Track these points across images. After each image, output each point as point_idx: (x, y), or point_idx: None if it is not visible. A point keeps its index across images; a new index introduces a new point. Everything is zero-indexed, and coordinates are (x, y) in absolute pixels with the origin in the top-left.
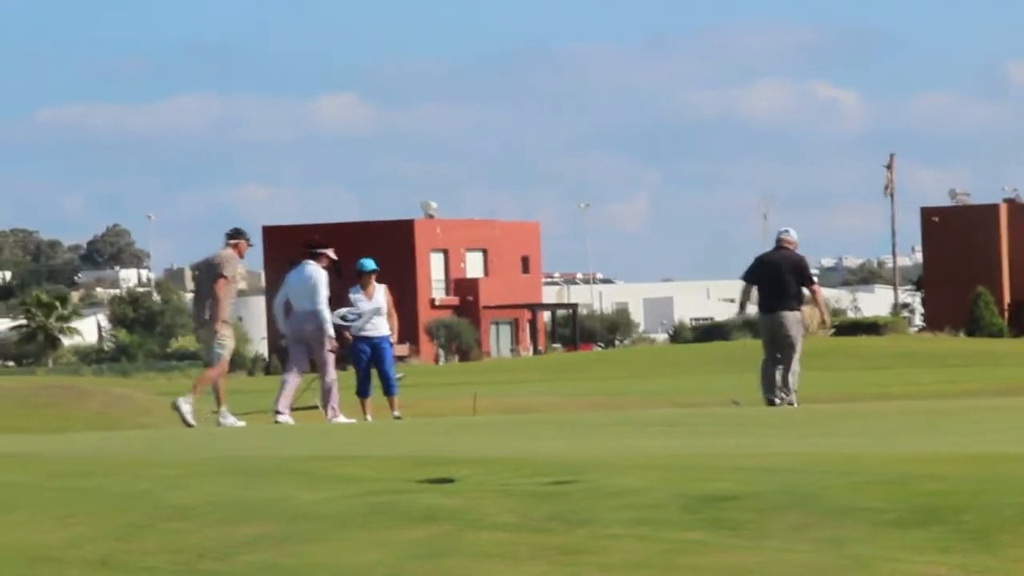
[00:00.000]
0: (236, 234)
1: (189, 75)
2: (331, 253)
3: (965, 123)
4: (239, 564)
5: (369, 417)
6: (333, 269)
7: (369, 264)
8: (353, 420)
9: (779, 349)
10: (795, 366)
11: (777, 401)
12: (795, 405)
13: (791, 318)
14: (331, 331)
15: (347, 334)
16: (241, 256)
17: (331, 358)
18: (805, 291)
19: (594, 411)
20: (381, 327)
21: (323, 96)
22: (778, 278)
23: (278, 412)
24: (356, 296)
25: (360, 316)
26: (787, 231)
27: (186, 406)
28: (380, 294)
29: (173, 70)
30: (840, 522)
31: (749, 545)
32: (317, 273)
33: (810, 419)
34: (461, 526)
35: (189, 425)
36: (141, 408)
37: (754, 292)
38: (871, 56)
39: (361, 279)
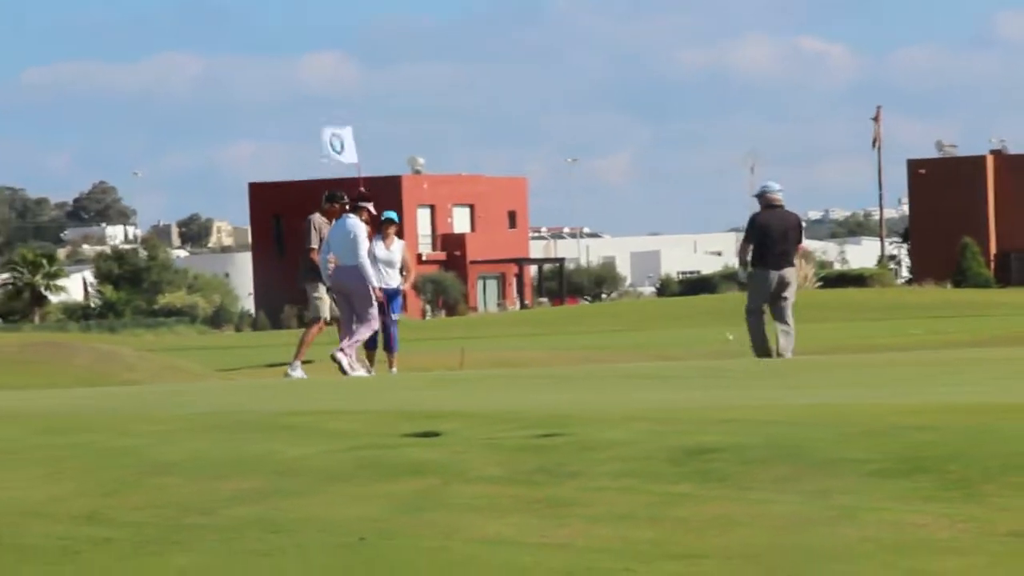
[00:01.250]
0: (330, 198)
1: (175, 34)
2: (371, 207)
3: (952, 75)
4: (224, 518)
5: (370, 370)
6: (371, 222)
7: (390, 214)
8: (362, 373)
9: (776, 304)
10: (792, 322)
11: (777, 355)
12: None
13: (794, 274)
14: (374, 282)
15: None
16: (334, 218)
17: (373, 311)
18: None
19: (581, 365)
20: (392, 279)
21: (308, 54)
22: (783, 235)
23: (339, 355)
24: (376, 244)
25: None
26: (772, 187)
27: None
28: (397, 247)
29: (159, 29)
30: (826, 473)
31: (735, 497)
32: (357, 227)
33: (796, 371)
34: (447, 479)
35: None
36: (128, 364)
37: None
38: (858, 9)
39: (382, 228)
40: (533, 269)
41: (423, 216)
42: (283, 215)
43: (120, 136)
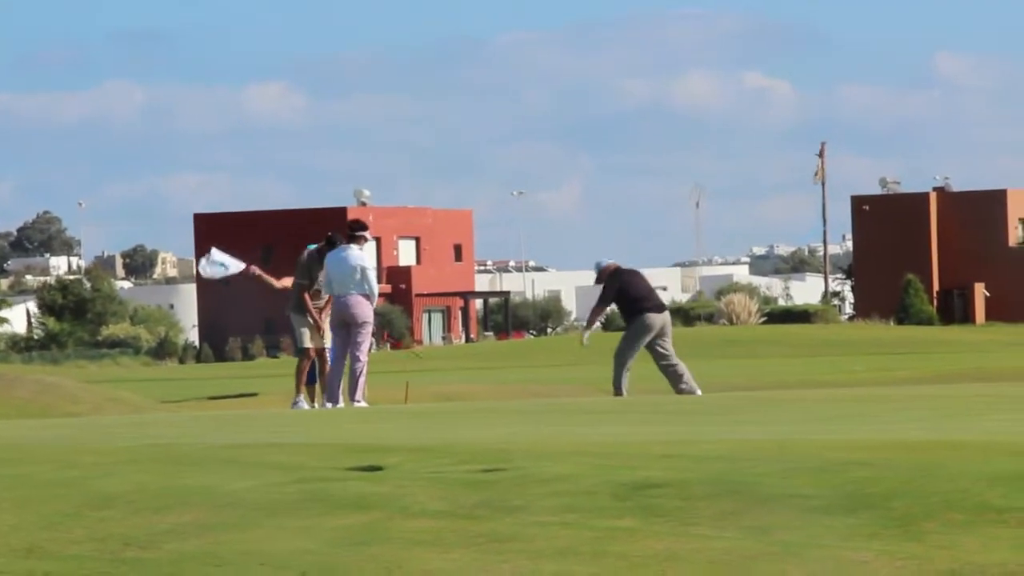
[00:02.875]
0: (330, 241)
1: (117, 63)
2: (367, 235)
3: (896, 113)
4: (165, 552)
5: (312, 404)
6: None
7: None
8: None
9: (662, 346)
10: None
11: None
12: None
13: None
14: (371, 316)
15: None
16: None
17: (367, 343)
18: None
19: (525, 399)
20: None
21: (253, 85)
22: (647, 283)
23: (355, 401)
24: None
25: (224, 268)
26: (603, 261)
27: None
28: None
29: (101, 58)
30: (768, 509)
31: (678, 532)
32: (363, 259)
33: (740, 407)
34: (391, 513)
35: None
36: (71, 396)
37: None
38: (801, 47)
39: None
40: (479, 302)
41: (369, 248)
42: (228, 246)
43: (64, 166)
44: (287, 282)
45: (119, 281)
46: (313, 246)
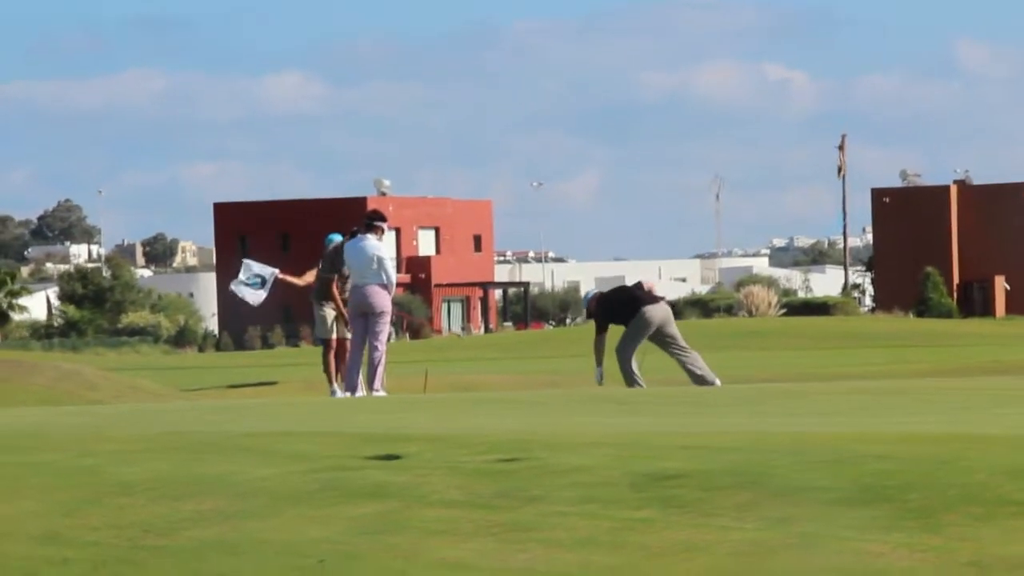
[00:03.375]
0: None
1: (137, 50)
2: (385, 226)
3: (916, 104)
4: (184, 540)
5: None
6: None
7: (336, 237)
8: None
9: (670, 336)
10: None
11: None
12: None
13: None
14: (388, 306)
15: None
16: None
17: (385, 332)
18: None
19: (544, 389)
20: None
21: (271, 74)
22: (631, 288)
23: (374, 390)
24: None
25: (259, 283)
26: (591, 292)
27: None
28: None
29: (121, 45)
30: (787, 501)
31: (697, 523)
32: (380, 248)
33: (759, 398)
34: (408, 503)
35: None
36: (90, 383)
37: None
38: (821, 37)
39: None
40: (498, 293)
41: (388, 238)
42: (248, 235)
43: (84, 154)
44: (310, 277)
45: (139, 269)
46: (337, 236)
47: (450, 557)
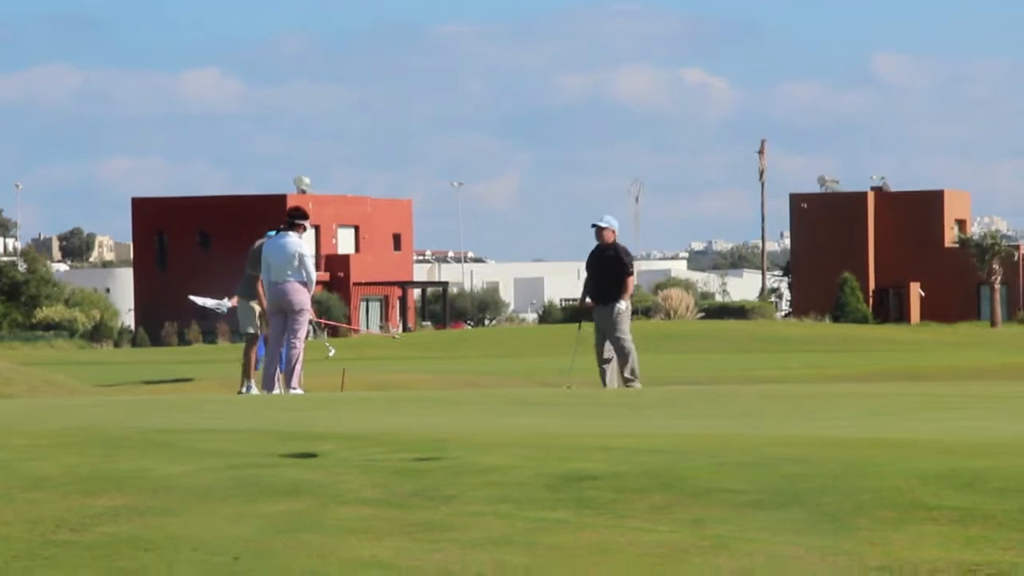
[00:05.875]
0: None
1: (51, 46)
2: (307, 224)
3: (834, 112)
4: (97, 535)
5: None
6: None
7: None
8: (300, 391)
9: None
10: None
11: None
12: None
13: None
14: (308, 304)
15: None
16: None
17: (303, 331)
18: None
19: (461, 389)
20: None
21: (187, 71)
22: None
23: (292, 388)
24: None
25: (219, 304)
26: (606, 221)
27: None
28: None
29: (35, 40)
30: (701, 503)
31: (611, 524)
32: (302, 246)
33: (674, 401)
34: (324, 501)
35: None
36: (3, 378)
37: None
38: (741, 44)
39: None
40: (417, 292)
41: (307, 236)
42: (166, 231)
43: (0, 148)
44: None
45: (55, 264)
46: (273, 232)
47: (365, 556)
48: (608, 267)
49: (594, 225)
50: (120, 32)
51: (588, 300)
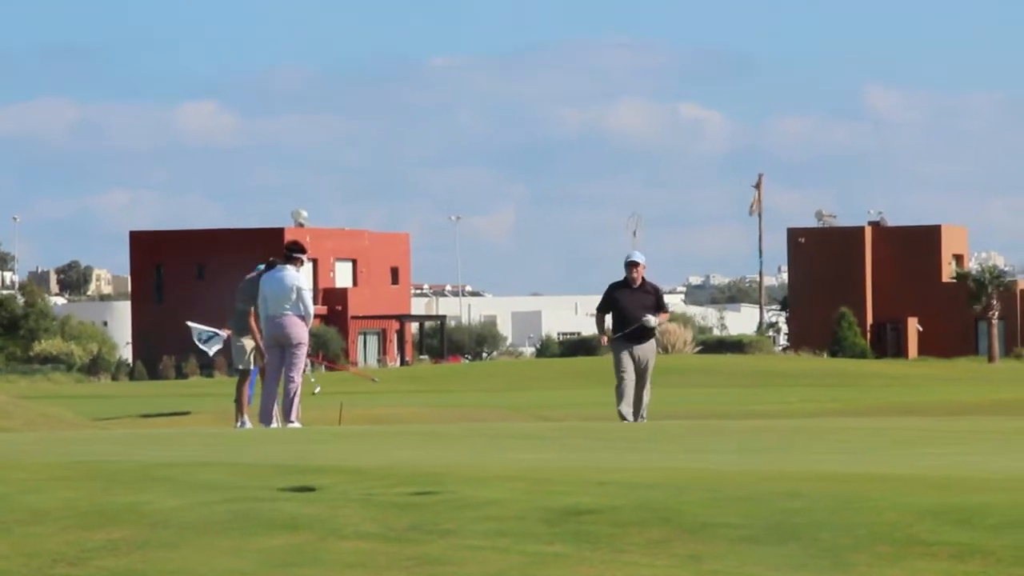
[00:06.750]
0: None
1: (49, 79)
2: (304, 258)
3: (831, 146)
4: (95, 569)
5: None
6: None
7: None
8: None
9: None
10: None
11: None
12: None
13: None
14: (305, 337)
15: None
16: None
17: (301, 364)
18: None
19: (459, 423)
20: None
21: (185, 103)
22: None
23: (290, 421)
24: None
25: (213, 337)
26: (639, 257)
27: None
28: None
29: (33, 73)
30: (698, 538)
31: (608, 559)
32: (299, 279)
33: (672, 435)
34: (322, 535)
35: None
36: (2, 411)
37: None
38: (736, 78)
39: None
40: (414, 326)
41: (305, 270)
42: (164, 264)
43: None
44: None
45: (53, 297)
46: (262, 266)
47: None
48: (648, 303)
49: (630, 261)
50: (116, 65)
51: (605, 335)
